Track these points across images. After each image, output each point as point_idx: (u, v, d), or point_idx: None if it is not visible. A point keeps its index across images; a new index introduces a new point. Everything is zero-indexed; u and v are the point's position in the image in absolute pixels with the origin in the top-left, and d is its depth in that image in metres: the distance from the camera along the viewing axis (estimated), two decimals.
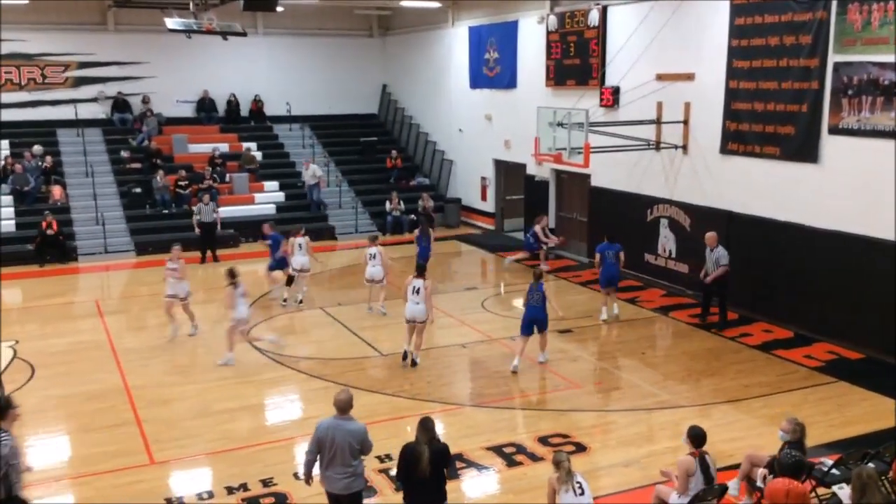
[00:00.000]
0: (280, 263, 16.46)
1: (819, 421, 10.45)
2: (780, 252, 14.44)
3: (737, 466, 8.51)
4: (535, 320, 12.41)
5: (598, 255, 15.22)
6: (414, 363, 12.64)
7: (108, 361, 13.14)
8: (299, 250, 16.03)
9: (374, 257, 15.24)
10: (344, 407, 7.11)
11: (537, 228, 18.88)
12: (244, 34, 19.05)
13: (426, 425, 7.05)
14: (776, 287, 14.52)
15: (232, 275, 12.62)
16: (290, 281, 16.31)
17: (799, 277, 14.11)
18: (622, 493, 8.76)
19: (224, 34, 18.41)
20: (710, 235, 14.39)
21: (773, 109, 14.54)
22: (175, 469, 9.50)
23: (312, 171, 24.05)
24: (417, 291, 12.33)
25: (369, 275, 15.35)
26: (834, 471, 8.09)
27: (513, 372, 12.34)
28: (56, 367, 12.82)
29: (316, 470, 7.30)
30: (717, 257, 14.18)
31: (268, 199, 24.00)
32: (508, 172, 23.30)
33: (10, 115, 23.97)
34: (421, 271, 12.64)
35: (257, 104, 27.03)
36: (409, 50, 27.54)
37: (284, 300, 16.30)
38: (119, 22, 25.31)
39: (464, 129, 24.74)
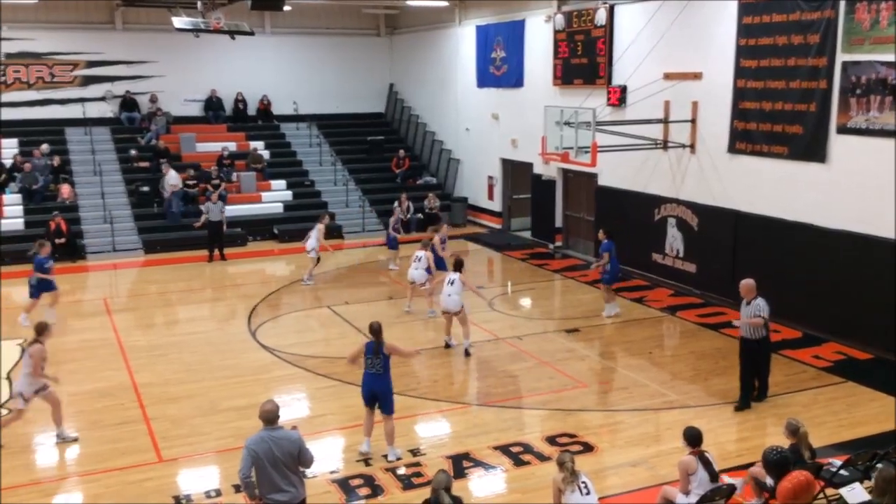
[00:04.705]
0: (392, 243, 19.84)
1: (828, 421, 10.45)
2: (788, 252, 14.39)
3: (745, 466, 8.50)
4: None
5: (606, 255, 15.03)
6: (466, 353, 13.13)
7: (116, 359, 13.19)
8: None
9: (419, 260, 15.30)
10: (272, 418, 6.86)
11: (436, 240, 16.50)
12: (251, 33, 19.07)
13: (444, 473, 6.94)
14: (784, 287, 14.43)
15: None
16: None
17: (807, 277, 14.06)
18: (630, 493, 8.75)
19: (231, 33, 18.43)
20: (746, 284, 10.80)
21: (781, 109, 14.50)
22: (183, 467, 9.53)
23: (170, 177, 22.47)
24: (452, 283, 12.99)
25: (410, 276, 15.52)
26: (843, 471, 8.06)
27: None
28: (64, 364, 12.81)
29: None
30: (755, 309, 10.66)
31: (275, 197, 24.04)
32: (515, 171, 23.29)
33: (18, 114, 24.09)
34: (458, 266, 13.26)
35: (265, 103, 27.07)
36: (416, 49, 27.54)
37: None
38: (127, 21, 25.38)
39: (470, 128, 24.72)
